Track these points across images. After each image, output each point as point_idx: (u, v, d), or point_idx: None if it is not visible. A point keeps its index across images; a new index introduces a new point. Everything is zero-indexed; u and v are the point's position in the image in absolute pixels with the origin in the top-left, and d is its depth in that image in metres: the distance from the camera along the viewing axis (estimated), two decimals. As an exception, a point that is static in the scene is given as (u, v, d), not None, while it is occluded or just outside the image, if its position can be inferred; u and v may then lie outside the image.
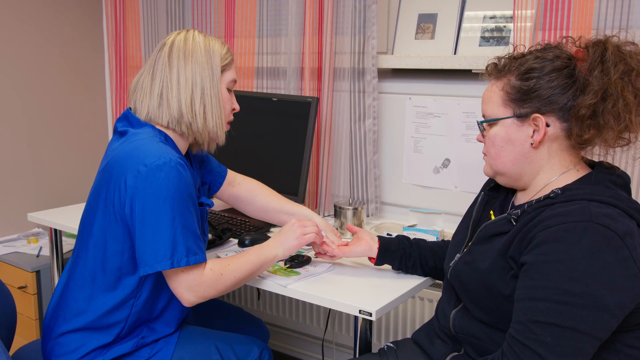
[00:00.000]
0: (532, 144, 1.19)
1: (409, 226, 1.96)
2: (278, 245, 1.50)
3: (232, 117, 1.54)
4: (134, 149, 1.34)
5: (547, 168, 1.21)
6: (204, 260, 1.35)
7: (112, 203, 1.34)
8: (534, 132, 1.19)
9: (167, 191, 1.29)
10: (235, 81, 1.51)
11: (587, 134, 1.14)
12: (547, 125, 1.17)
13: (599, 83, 1.12)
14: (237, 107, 1.54)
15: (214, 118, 1.45)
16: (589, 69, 1.14)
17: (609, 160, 1.22)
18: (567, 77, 1.16)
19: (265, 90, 2.45)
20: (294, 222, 1.54)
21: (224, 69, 1.47)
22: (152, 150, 1.33)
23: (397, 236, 1.60)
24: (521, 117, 1.20)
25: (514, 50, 1.28)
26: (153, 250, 1.29)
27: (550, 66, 1.17)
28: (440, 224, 1.97)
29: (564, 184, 1.17)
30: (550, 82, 1.16)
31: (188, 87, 1.41)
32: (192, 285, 1.34)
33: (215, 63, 1.44)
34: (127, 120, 1.46)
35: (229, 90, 1.50)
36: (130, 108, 1.48)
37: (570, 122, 1.16)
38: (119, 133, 1.46)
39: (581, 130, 1.14)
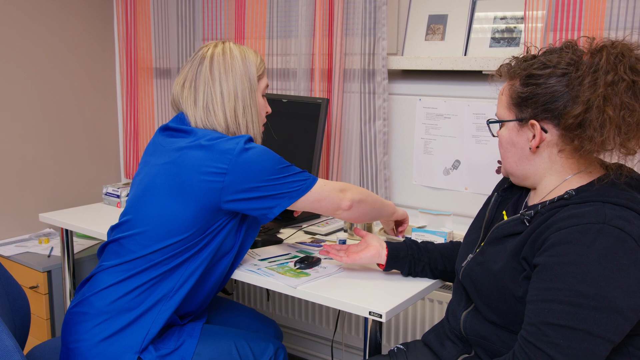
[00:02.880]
0: (530, 148, 1.20)
1: (418, 227, 1.96)
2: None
3: (265, 119, 1.66)
4: (213, 144, 1.42)
5: (550, 172, 1.21)
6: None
7: (198, 194, 1.41)
8: (533, 136, 1.19)
9: (266, 153, 1.44)
10: (267, 86, 1.64)
11: (575, 144, 1.13)
12: (545, 132, 1.17)
13: (586, 94, 1.10)
14: (270, 110, 1.66)
15: (254, 127, 1.56)
16: (581, 78, 1.12)
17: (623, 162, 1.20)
18: (564, 85, 1.14)
19: (275, 92, 2.45)
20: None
21: (259, 78, 1.58)
22: (229, 137, 1.44)
23: (405, 241, 1.59)
24: (521, 121, 1.21)
25: (525, 51, 1.27)
26: (295, 181, 1.45)
27: (549, 73, 1.15)
28: (449, 226, 1.97)
29: (577, 186, 1.16)
30: (546, 89, 1.15)
31: (231, 100, 1.51)
32: (340, 187, 1.52)
33: (252, 74, 1.55)
34: (183, 123, 1.53)
35: (263, 96, 1.59)
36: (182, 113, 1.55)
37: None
38: (174, 130, 1.52)
39: (571, 140, 1.14)
